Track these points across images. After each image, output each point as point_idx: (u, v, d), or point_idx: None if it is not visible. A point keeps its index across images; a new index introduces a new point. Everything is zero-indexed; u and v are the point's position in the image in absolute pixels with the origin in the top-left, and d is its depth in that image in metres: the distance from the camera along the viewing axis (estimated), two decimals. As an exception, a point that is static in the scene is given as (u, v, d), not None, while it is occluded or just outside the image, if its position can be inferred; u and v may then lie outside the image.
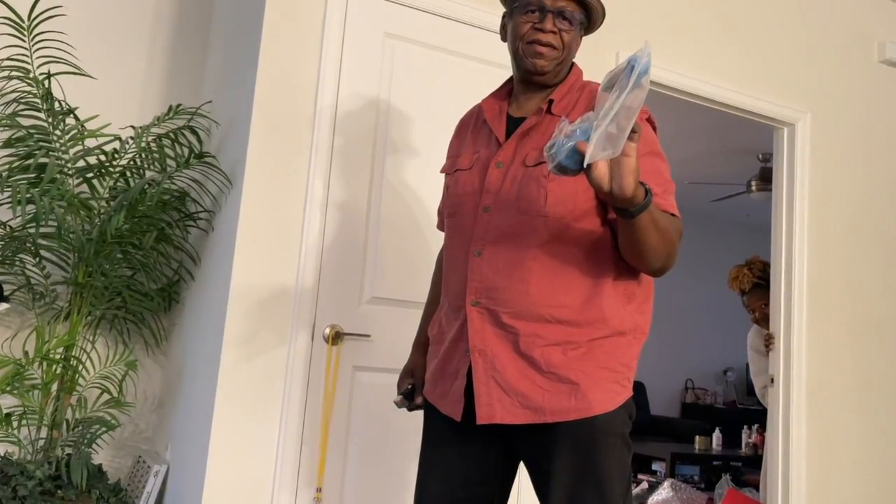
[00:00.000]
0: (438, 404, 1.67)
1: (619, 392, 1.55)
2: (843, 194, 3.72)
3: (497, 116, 1.69)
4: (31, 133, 2.62)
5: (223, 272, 2.47)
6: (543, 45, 1.59)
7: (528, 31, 1.60)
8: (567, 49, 1.62)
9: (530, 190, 1.54)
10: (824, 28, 3.77)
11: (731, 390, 8.43)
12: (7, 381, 2.47)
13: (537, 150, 1.57)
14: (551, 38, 1.60)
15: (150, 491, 2.58)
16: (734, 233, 8.50)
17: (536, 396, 1.52)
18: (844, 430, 3.56)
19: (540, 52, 1.60)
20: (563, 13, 1.59)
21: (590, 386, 1.51)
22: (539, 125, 1.61)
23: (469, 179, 1.66)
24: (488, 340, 1.57)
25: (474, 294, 1.59)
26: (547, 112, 1.62)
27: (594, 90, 1.64)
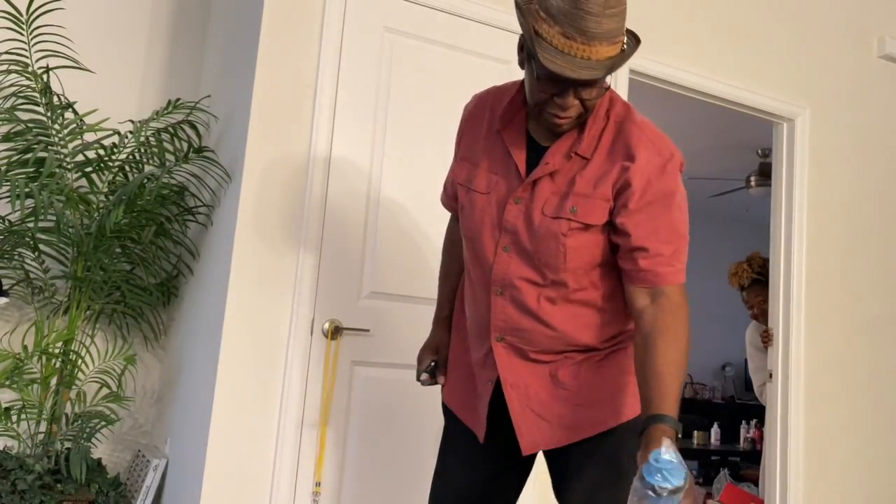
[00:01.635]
0: (461, 415, 1.71)
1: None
2: (843, 190, 3.72)
3: (516, 138, 1.56)
4: (30, 127, 2.62)
5: (222, 267, 2.47)
6: (563, 119, 1.45)
7: (547, 103, 1.44)
8: (592, 107, 1.47)
9: (549, 245, 1.50)
10: (824, 23, 3.76)
11: (730, 385, 8.44)
12: (6, 375, 2.47)
13: (557, 194, 1.50)
14: (572, 112, 1.44)
15: (150, 485, 2.59)
16: (733, 228, 8.51)
17: (573, 414, 1.58)
18: (842, 425, 3.57)
19: (559, 124, 1.46)
20: (591, 83, 1.41)
21: (619, 392, 1.57)
22: (562, 169, 1.51)
23: (486, 208, 1.58)
24: (518, 372, 1.60)
25: (499, 331, 1.60)
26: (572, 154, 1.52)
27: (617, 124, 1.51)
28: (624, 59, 1.40)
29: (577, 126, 1.50)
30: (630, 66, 3.15)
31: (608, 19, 1.33)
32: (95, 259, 2.59)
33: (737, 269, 3.83)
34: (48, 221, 2.61)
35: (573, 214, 1.48)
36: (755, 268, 3.79)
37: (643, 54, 3.20)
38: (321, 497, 2.44)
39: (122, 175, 2.75)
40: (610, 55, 1.37)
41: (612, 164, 1.47)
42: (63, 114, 2.65)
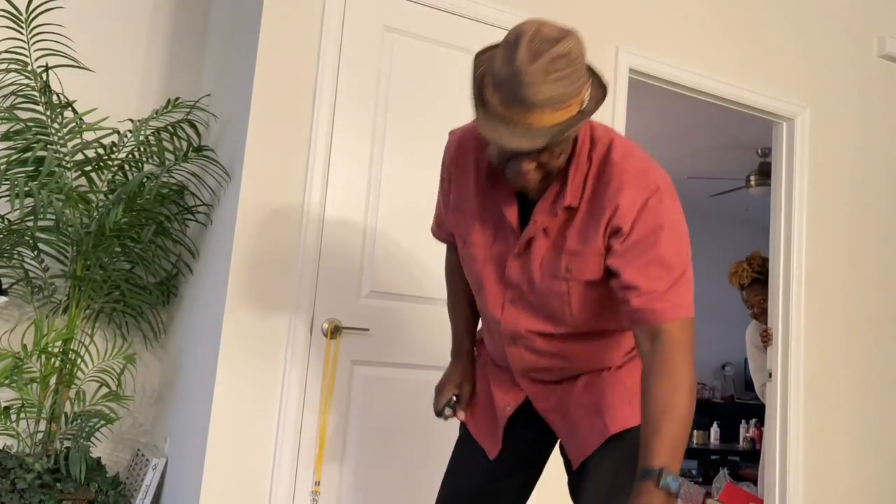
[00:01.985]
0: (474, 433, 1.73)
1: None
2: (842, 189, 3.72)
3: (506, 195, 1.51)
4: (30, 126, 2.61)
5: (222, 266, 2.47)
6: (525, 182, 1.39)
7: (508, 168, 1.39)
8: (557, 167, 1.40)
9: (553, 303, 1.49)
10: (824, 23, 3.76)
11: (730, 385, 8.44)
12: (6, 374, 2.47)
13: (552, 249, 1.47)
14: (533, 176, 1.38)
15: (149, 484, 2.59)
16: (733, 228, 8.50)
17: (600, 415, 1.59)
18: (842, 424, 3.57)
19: (525, 188, 1.42)
20: (543, 148, 1.32)
21: (637, 393, 1.57)
22: (552, 224, 1.47)
23: (487, 263, 1.55)
24: (548, 396, 1.63)
25: (520, 372, 1.64)
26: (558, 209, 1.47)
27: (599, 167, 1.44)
28: (581, 119, 1.31)
29: (561, 175, 1.44)
30: (631, 66, 3.15)
31: (551, 85, 1.26)
32: (95, 258, 2.59)
33: (737, 269, 3.84)
34: (48, 220, 2.61)
35: (569, 273, 1.45)
36: (755, 267, 3.79)
37: (644, 53, 3.19)
38: (320, 496, 2.44)
39: (121, 174, 2.75)
40: (556, 121, 1.29)
41: (598, 213, 1.42)
42: (62, 113, 2.64)
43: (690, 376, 1.35)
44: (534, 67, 1.26)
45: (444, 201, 1.65)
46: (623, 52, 3.13)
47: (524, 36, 1.28)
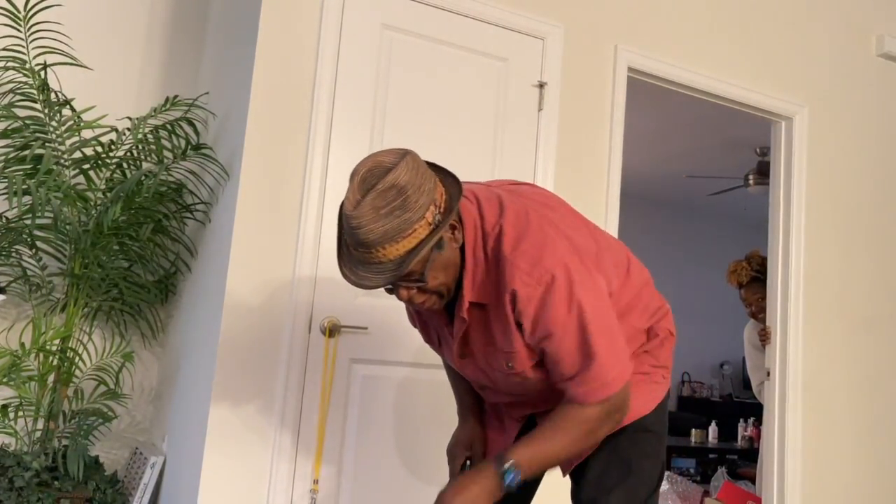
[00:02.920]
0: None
1: (656, 391, 1.63)
2: (841, 188, 3.72)
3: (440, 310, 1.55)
4: (28, 124, 2.61)
5: (220, 264, 2.47)
6: (418, 305, 1.44)
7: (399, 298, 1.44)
8: (440, 285, 1.42)
9: (511, 387, 1.57)
10: (822, 21, 3.76)
11: (728, 384, 8.45)
12: (4, 372, 2.46)
13: (490, 350, 1.50)
14: (417, 299, 1.42)
15: (147, 482, 2.58)
16: (731, 227, 8.51)
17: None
18: (840, 423, 3.57)
19: (423, 309, 1.48)
20: (405, 278, 1.37)
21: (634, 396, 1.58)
22: (473, 322, 1.50)
23: (452, 360, 1.60)
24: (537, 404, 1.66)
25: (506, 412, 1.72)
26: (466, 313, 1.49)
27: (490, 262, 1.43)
28: (429, 242, 1.32)
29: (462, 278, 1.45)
30: (629, 64, 3.15)
31: (383, 221, 1.29)
32: (93, 256, 2.59)
33: (736, 267, 3.84)
34: (46, 218, 2.60)
35: (511, 369, 1.50)
36: (754, 266, 3.79)
37: (643, 52, 3.19)
38: (319, 494, 2.44)
39: (119, 172, 2.74)
40: (405, 250, 1.31)
41: (504, 311, 1.42)
42: (61, 110, 2.64)
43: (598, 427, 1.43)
44: (360, 209, 1.30)
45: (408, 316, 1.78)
46: (622, 50, 3.13)
47: (356, 176, 1.33)
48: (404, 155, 1.34)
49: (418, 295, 1.41)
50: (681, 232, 8.33)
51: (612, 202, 3.05)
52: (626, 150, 3.23)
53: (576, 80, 3.03)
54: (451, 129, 2.75)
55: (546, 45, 2.96)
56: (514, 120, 2.87)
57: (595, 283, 1.43)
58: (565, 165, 2.96)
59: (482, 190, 1.52)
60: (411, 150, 1.36)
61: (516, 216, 1.44)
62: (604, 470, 1.59)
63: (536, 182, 2.88)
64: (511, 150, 2.85)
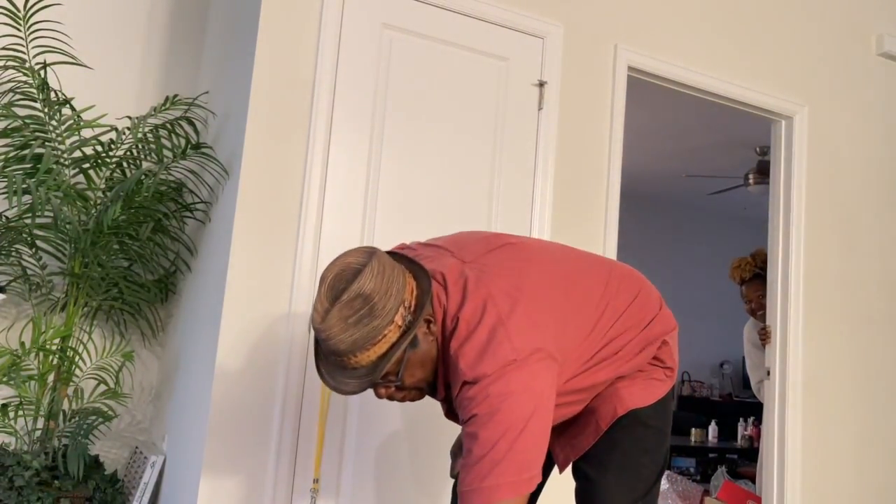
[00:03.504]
0: None
1: (656, 387, 1.64)
2: (841, 187, 3.72)
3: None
4: (27, 123, 2.61)
5: (220, 263, 2.47)
6: (400, 400, 1.48)
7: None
8: (419, 381, 1.45)
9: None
10: (823, 21, 3.76)
11: (728, 383, 8.45)
12: (4, 371, 2.46)
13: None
14: (397, 395, 1.46)
15: (147, 482, 2.58)
16: (731, 226, 8.51)
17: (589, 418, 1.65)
18: (840, 422, 3.57)
19: (400, 402, 1.51)
20: (384, 378, 1.41)
21: (626, 385, 1.61)
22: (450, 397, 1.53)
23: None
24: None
25: None
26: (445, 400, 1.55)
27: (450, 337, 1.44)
28: (401, 345, 1.35)
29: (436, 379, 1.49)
30: (629, 63, 3.15)
31: (352, 331, 1.32)
32: (93, 255, 2.59)
33: (739, 263, 3.84)
34: (45, 218, 2.60)
35: None
36: (758, 262, 3.79)
37: (643, 51, 3.19)
38: (319, 493, 2.44)
39: (119, 171, 2.74)
40: (377, 355, 1.34)
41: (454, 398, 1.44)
42: (60, 110, 2.64)
43: None
44: (328, 322, 1.33)
45: None
46: (622, 49, 3.13)
47: (324, 283, 1.36)
48: (370, 256, 1.36)
49: (397, 392, 1.45)
50: (680, 231, 8.34)
51: (611, 201, 3.05)
52: (626, 149, 3.23)
53: (576, 79, 3.03)
54: (451, 128, 2.75)
55: (546, 44, 2.96)
56: (513, 119, 2.87)
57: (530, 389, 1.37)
58: (565, 164, 2.96)
59: (453, 269, 1.50)
60: (377, 250, 1.38)
61: (472, 310, 1.43)
62: (603, 464, 1.60)
63: (537, 181, 2.88)
64: (511, 149, 2.85)
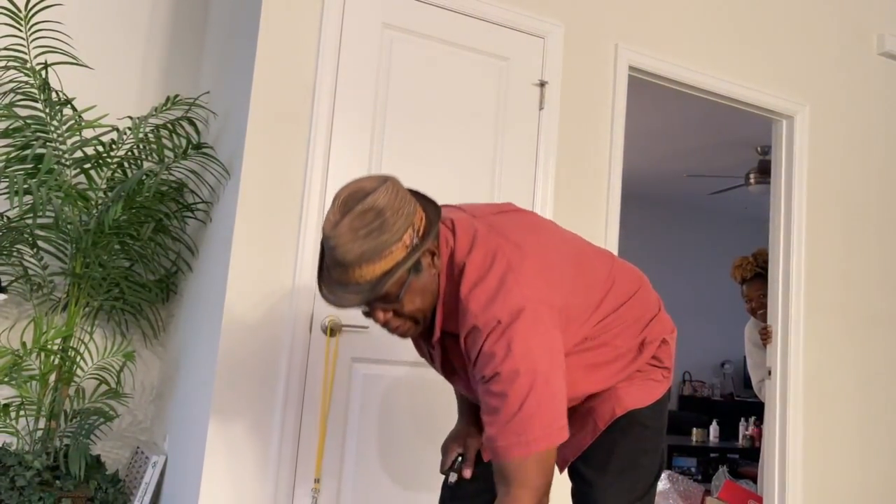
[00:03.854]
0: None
1: (654, 387, 1.64)
2: (842, 187, 3.72)
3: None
4: (29, 123, 2.61)
5: (221, 263, 2.47)
6: (392, 330, 1.48)
7: (377, 322, 1.49)
8: (416, 311, 1.46)
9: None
10: (824, 20, 3.76)
11: (729, 383, 8.45)
12: (5, 371, 2.47)
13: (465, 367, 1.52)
14: (394, 324, 1.46)
15: (149, 482, 2.59)
16: (732, 225, 8.51)
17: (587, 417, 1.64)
18: (841, 422, 3.57)
19: (398, 335, 1.50)
20: (382, 299, 1.42)
21: (623, 385, 1.61)
22: (448, 347, 1.55)
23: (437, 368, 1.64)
24: None
25: None
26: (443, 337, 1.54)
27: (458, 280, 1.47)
28: (405, 264, 1.36)
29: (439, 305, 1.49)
30: (630, 63, 3.15)
31: (361, 242, 1.34)
32: (94, 255, 2.59)
33: (741, 262, 3.84)
34: (47, 218, 2.60)
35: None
36: (760, 262, 3.79)
37: (643, 51, 3.19)
38: (320, 493, 2.44)
39: (120, 171, 2.75)
40: (381, 271, 1.36)
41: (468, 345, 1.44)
42: (62, 110, 2.64)
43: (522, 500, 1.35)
44: (338, 230, 1.35)
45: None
46: (622, 49, 3.13)
47: (337, 199, 1.38)
48: (385, 180, 1.39)
49: (394, 319, 1.45)
50: (681, 231, 8.33)
51: (612, 201, 3.05)
52: (626, 149, 3.23)
53: (576, 78, 3.03)
54: (452, 128, 2.75)
55: (547, 43, 2.96)
56: (514, 119, 2.87)
57: (544, 340, 1.39)
58: (566, 164, 2.96)
59: (463, 220, 1.52)
60: (393, 177, 1.41)
61: (482, 257, 1.45)
62: (602, 466, 1.60)
63: (538, 181, 2.88)
64: (512, 148, 2.85)
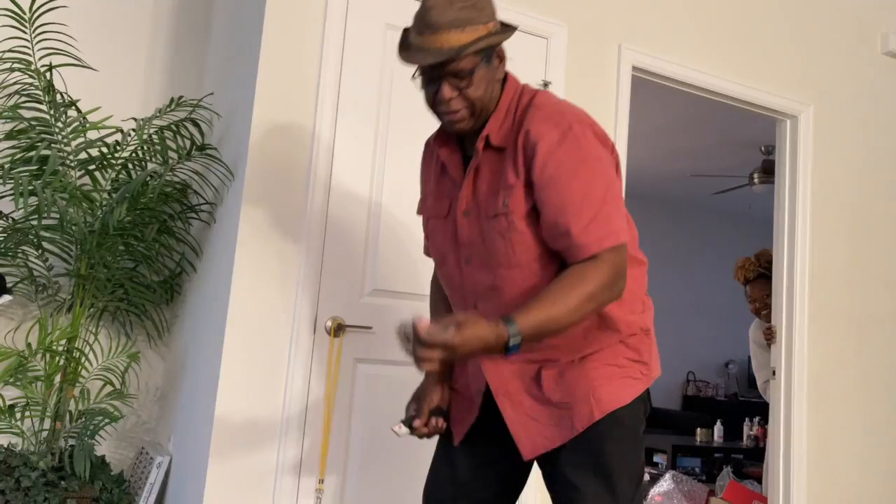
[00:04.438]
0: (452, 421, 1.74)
1: (632, 385, 1.59)
2: (846, 187, 3.71)
3: (450, 155, 1.65)
4: (33, 125, 2.62)
5: (225, 264, 2.47)
6: (451, 112, 1.54)
7: (434, 103, 1.56)
8: (477, 100, 1.53)
9: (497, 246, 1.54)
10: (828, 19, 3.75)
11: (733, 383, 8.44)
12: (10, 372, 2.47)
13: (492, 193, 1.55)
14: (455, 104, 1.53)
15: (153, 482, 2.59)
16: (736, 225, 8.49)
17: (559, 413, 1.57)
18: (846, 422, 3.56)
19: (452, 120, 1.55)
20: (455, 73, 1.51)
21: (602, 384, 1.56)
22: (486, 161, 1.57)
23: (444, 230, 1.65)
24: (505, 379, 1.61)
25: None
26: (486, 148, 1.57)
27: (523, 108, 1.56)
28: (486, 41, 1.49)
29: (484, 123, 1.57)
30: (633, 63, 3.15)
31: (455, 10, 1.47)
32: (99, 257, 2.60)
33: (744, 263, 3.83)
34: (51, 219, 2.61)
35: (506, 208, 1.52)
36: (762, 263, 3.78)
37: (647, 51, 3.19)
38: (324, 494, 2.44)
39: (125, 173, 2.75)
40: (462, 41, 1.47)
41: (520, 151, 1.52)
42: (66, 111, 2.65)
43: (597, 287, 1.43)
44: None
45: (421, 204, 1.77)
46: (626, 49, 3.13)
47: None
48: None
49: (458, 100, 1.52)
50: (685, 231, 8.32)
51: (616, 201, 3.05)
52: (630, 149, 3.22)
53: (580, 79, 3.03)
54: (456, 129, 2.75)
55: (550, 44, 2.96)
56: (518, 119, 2.87)
57: (608, 163, 1.52)
58: (569, 165, 2.96)
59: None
60: None
61: (553, 95, 1.61)
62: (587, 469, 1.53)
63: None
64: (515, 149, 2.85)
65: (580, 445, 1.54)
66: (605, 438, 1.53)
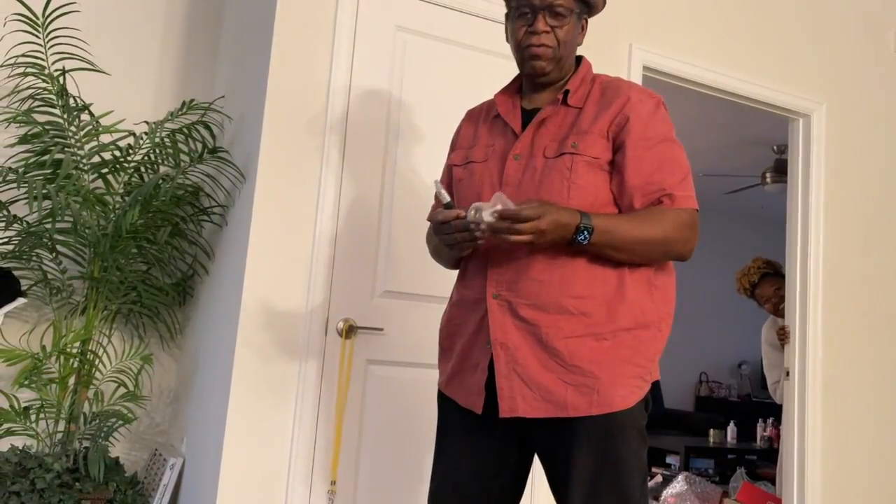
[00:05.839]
0: (457, 396, 1.67)
1: (640, 387, 1.56)
2: (859, 185, 3.68)
3: (511, 110, 1.72)
4: (47, 129, 2.64)
5: (237, 266, 2.48)
6: (538, 46, 1.63)
7: (524, 36, 1.64)
8: (564, 44, 1.65)
9: (553, 181, 1.57)
10: (840, 18, 3.73)
11: (746, 383, 8.39)
12: (25, 375, 2.49)
13: (556, 141, 1.61)
14: (545, 39, 1.63)
15: (167, 483, 2.60)
16: (749, 225, 8.45)
17: (559, 390, 1.52)
18: (859, 423, 3.54)
19: (536, 55, 1.63)
20: (553, 9, 1.62)
21: (612, 381, 1.51)
22: (555, 116, 1.65)
23: (486, 171, 1.67)
24: (509, 333, 1.57)
25: (495, 286, 1.59)
26: (563, 103, 1.65)
27: (604, 82, 1.68)
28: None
29: (562, 83, 1.69)
30: (644, 63, 3.14)
31: None
32: (112, 259, 2.61)
33: (742, 273, 3.83)
34: (65, 222, 2.63)
35: (574, 149, 1.58)
36: (760, 264, 3.78)
37: (657, 50, 3.18)
38: (336, 496, 2.45)
39: (137, 176, 2.77)
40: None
41: (606, 106, 1.61)
42: (79, 115, 2.67)
43: (674, 240, 1.54)
44: None
45: (448, 164, 1.82)
46: (636, 49, 3.12)
47: None
48: None
49: (548, 36, 1.62)
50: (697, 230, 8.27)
51: (627, 202, 3.04)
52: (641, 150, 3.21)
53: (590, 79, 3.02)
54: (466, 130, 2.75)
55: (560, 44, 2.95)
56: (528, 120, 2.87)
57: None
58: (580, 165, 2.95)
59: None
60: None
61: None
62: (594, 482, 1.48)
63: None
64: (526, 150, 2.85)
65: (590, 447, 1.49)
66: (615, 442, 1.50)
